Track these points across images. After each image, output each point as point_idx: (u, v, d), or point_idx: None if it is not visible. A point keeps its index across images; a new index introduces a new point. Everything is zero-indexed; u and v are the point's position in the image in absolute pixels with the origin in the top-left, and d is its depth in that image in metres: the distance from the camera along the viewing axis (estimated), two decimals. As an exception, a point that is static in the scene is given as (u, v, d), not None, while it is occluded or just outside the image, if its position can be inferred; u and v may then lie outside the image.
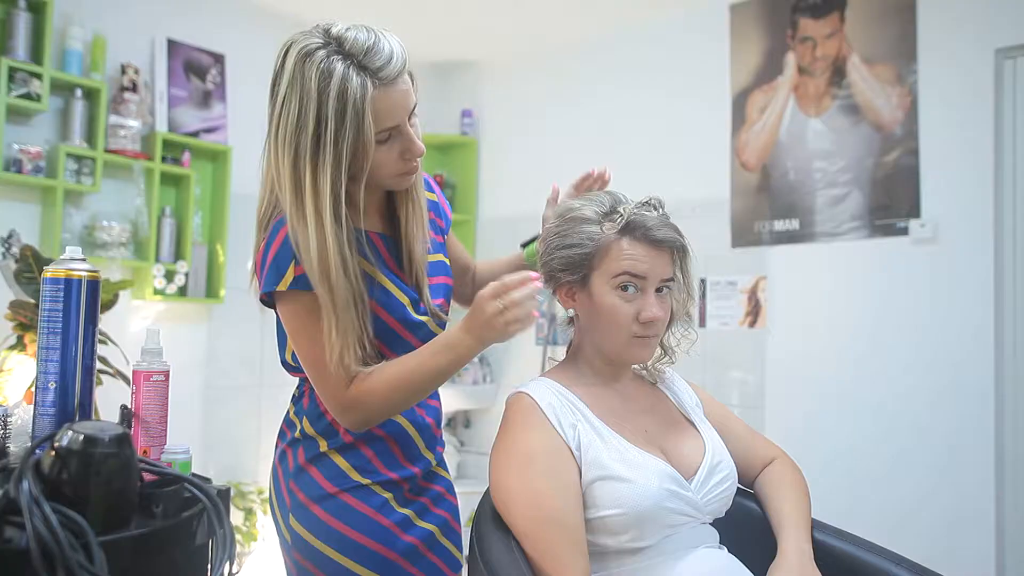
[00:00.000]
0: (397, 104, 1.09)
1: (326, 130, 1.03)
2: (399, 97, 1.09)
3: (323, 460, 1.24)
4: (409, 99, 1.11)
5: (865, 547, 1.19)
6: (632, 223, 1.14)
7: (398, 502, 1.24)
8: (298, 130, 1.05)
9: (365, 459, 1.23)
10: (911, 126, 2.61)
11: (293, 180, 1.06)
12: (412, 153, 1.13)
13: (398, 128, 1.10)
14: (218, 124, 3.06)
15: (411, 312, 1.21)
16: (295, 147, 1.05)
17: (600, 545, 1.08)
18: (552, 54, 3.63)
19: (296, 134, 1.05)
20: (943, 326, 2.52)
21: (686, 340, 1.26)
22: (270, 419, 3.27)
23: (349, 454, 1.23)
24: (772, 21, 2.95)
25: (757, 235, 2.94)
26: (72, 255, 0.93)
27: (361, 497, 1.22)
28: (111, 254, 2.67)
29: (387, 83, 1.07)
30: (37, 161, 2.54)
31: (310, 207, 1.05)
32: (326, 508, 1.22)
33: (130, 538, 0.74)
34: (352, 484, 1.22)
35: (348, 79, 1.03)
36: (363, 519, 1.21)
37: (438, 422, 1.32)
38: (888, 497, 2.57)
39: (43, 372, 0.91)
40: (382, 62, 1.06)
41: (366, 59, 1.05)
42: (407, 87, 1.11)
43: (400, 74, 1.09)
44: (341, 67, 1.04)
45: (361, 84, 1.04)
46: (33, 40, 2.56)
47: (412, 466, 1.26)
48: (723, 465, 1.17)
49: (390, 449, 1.24)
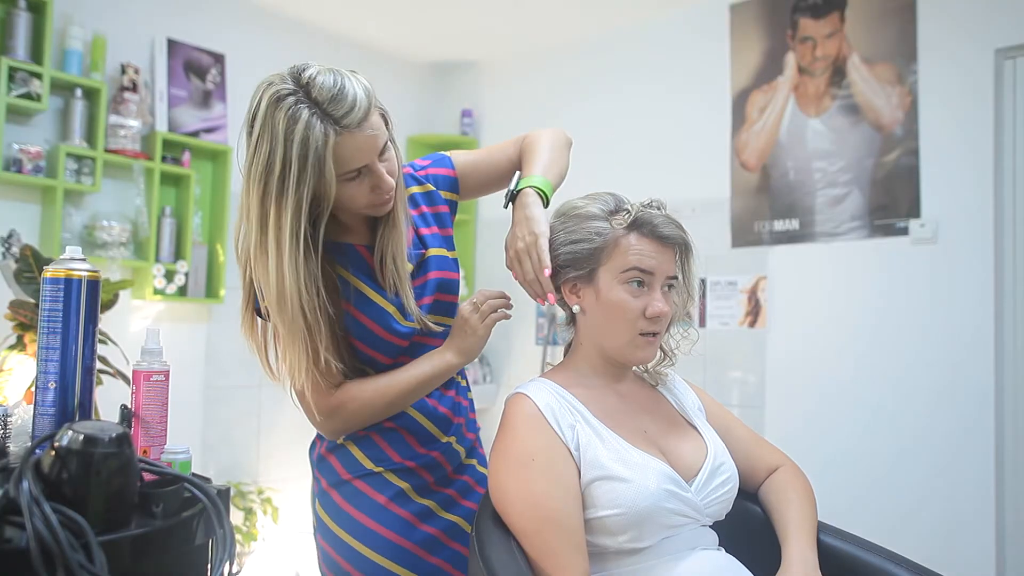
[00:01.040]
0: (361, 148, 1.13)
1: (290, 173, 1.08)
2: (363, 141, 1.12)
3: (340, 449, 1.31)
4: (375, 141, 1.14)
5: (865, 547, 1.19)
6: (640, 219, 1.15)
7: (418, 492, 1.29)
8: (266, 170, 1.10)
9: (379, 448, 1.29)
10: (911, 126, 2.61)
11: (260, 216, 1.11)
12: (381, 189, 1.17)
13: (367, 167, 1.15)
14: (218, 124, 3.06)
15: (397, 320, 1.25)
16: (263, 185, 1.10)
17: (599, 545, 1.08)
18: (552, 54, 3.63)
19: (264, 174, 1.10)
20: (943, 326, 2.52)
21: (686, 341, 1.26)
22: (270, 419, 3.27)
23: (363, 444, 1.29)
24: (772, 21, 2.95)
25: (757, 235, 2.94)
26: (72, 255, 0.93)
27: (373, 484, 1.28)
28: (111, 254, 2.68)
29: (351, 129, 1.11)
30: (37, 161, 2.55)
31: (272, 243, 1.11)
32: (342, 494, 1.29)
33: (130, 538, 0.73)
34: (364, 471, 1.28)
35: (311, 127, 1.08)
36: (375, 507, 1.27)
37: (456, 411, 1.35)
38: (888, 497, 2.57)
39: (43, 372, 0.91)
40: (345, 110, 1.10)
41: (330, 107, 1.10)
42: (373, 131, 1.14)
43: (364, 119, 1.12)
44: (306, 114, 1.09)
45: (323, 132, 1.09)
46: (33, 40, 2.57)
47: (429, 451, 1.30)
48: (725, 468, 1.17)
49: (403, 438, 1.29)
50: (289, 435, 3.34)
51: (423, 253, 1.29)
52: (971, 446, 2.43)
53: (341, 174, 1.12)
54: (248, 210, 1.13)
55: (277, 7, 3.28)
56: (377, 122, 1.15)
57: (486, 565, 1.03)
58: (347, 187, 1.14)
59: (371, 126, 1.13)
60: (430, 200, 1.35)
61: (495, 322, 1.26)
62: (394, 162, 1.20)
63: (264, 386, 3.26)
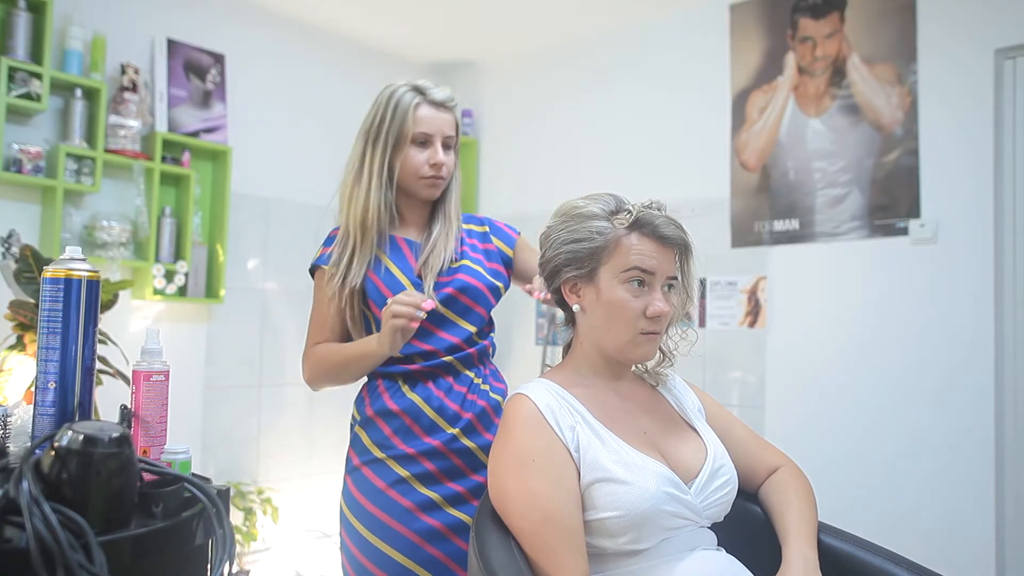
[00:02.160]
0: (433, 119, 1.48)
1: (384, 122, 1.49)
2: (437, 113, 1.49)
3: (355, 436, 1.48)
4: (446, 125, 1.50)
5: (865, 547, 1.19)
6: (641, 219, 1.15)
7: (422, 482, 1.38)
8: (368, 126, 1.51)
9: (383, 435, 1.43)
10: (911, 126, 2.61)
11: (359, 158, 1.51)
12: (436, 163, 1.48)
13: (431, 139, 1.48)
14: (218, 124, 3.06)
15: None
16: (365, 134, 1.51)
17: (599, 547, 1.08)
18: (552, 54, 3.63)
19: (366, 130, 1.52)
20: (943, 326, 2.52)
21: (685, 341, 1.26)
22: (269, 419, 3.27)
23: (370, 428, 1.45)
24: (772, 21, 2.95)
25: (757, 235, 2.94)
26: (72, 255, 0.93)
27: (376, 471, 1.42)
28: (111, 254, 2.67)
29: (430, 101, 1.49)
30: (37, 161, 2.54)
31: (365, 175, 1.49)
32: (353, 480, 1.45)
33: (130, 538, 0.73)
34: (371, 458, 1.43)
35: (404, 95, 1.49)
36: (377, 493, 1.40)
37: (467, 407, 1.44)
38: (888, 497, 2.57)
39: (43, 372, 0.90)
40: (433, 88, 1.50)
41: (424, 86, 1.50)
42: (448, 118, 1.51)
43: (444, 103, 1.50)
44: (404, 90, 1.49)
45: (411, 97, 1.48)
46: (33, 40, 2.56)
47: (432, 439, 1.40)
48: (724, 469, 1.17)
49: (406, 425, 1.42)
50: (289, 435, 3.34)
51: (459, 260, 1.50)
52: (971, 446, 2.43)
53: (415, 134, 1.47)
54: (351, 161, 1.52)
55: (277, 7, 3.28)
56: (452, 118, 1.51)
57: (485, 565, 1.03)
58: (414, 152, 1.48)
59: (447, 112, 1.50)
60: (483, 238, 1.58)
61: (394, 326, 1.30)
62: (452, 164, 1.52)
63: (264, 386, 3.26)
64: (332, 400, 3.53)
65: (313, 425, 3.43)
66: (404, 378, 1.45)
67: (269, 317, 3.29)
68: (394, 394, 1.45)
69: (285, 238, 3.35)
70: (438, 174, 1.49)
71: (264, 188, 3.27)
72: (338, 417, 3.53)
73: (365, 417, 1.46)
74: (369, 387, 1.50)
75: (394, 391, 1.45)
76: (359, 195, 1.48)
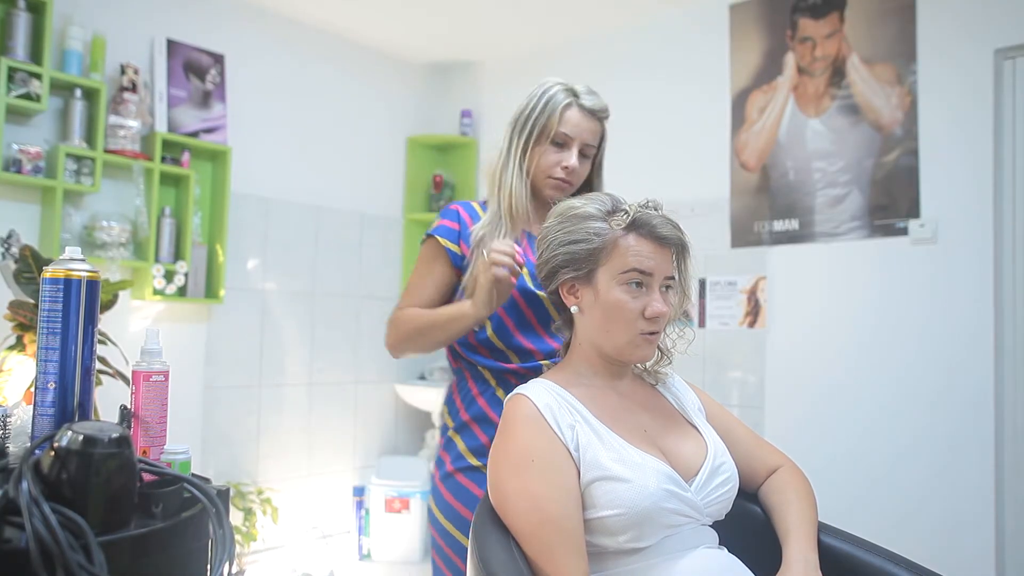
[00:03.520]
0: (579, 122, 1.51)
1: (531, 114, 1.51)
2: (583, 119, 1.51)
3: (449, 440, 1.51)
4: (590, 130, 1.52)
5: (865, 547, 1.19)
6: (639, 220, 1.15)
7: None
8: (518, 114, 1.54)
9: (480, 443, 1.45)
10: (910, 126, 2.61)
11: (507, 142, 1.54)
12: (567, 167, 1.50)
13: (570, 143, 1.50)
14: (218, 124, 3.06)
15: (529, 282, 1.47)
16: (513, 122, 1.54)
17: (599, 546, 1.08)
18: (551, 54, 3.63)
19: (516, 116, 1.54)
20: (943, 326, 2.52)
21: (682, 340, 1.26)
22: (269, 419, 3.27)
23: (466, 434, 1.48)
24: (772, 21, 2.95)
25: (757, 235, 2.94)
26: (71, 255, 0.93)
27: (473, 479, 1.44)
28: (111, 254, 2.67)
29: (581, 106, 1.51)
30: (37, 161, 2.54)
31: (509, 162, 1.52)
32: (447, 486, 1.48)
33: (129, 538, 0.73)
34: (466, 465, 1.46)
35: (557, 93, 1.52)
36: (476, 501, 1.40)
37: None
38: (888, 497, 2.57)
39: (42, 372, 0.90)
40: (587, 94, 1.53)
41: (579, 89, 1.53)
42: (594, 127, 1.53)
43: (595, 110, 1.52)
44: (558, 88, 1.53)
45: (563, 96, 1.51)
46: (33, 40, 2.56)
47: None
48: (725, 467, 1.17)
49: None
50: (288, 435, 3.34)
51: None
52: (971, 446, 2.43)
53: (557, 133, 1.49)
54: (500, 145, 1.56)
55: (277, 7, 3.28)
56: (598, 128, 1.54)
57: (485, 566, 1.03)
58: (551, 150, 1.50)
59: (595, 119, 1.53)
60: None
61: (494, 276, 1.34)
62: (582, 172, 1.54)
63: (264, 386, 3.26)
64: (332, 400, 3.53)
65: (313, 425, 3.43)
66: (497, 379, 1.47)
67: (269, 317, 3.29)
68: (489, 399, 1.47)
69: (285, 238, 3.35)
70: (568, 178, 1.51)
71: (264, 188, 3.27)
72: (338, 418, 3.53)
73: (461, 422, 1.49)
74: (460, 388, 1.53)
75: (489, 395, 1.47)
76: (506, 181, 1.52)
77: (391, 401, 3.76)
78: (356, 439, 3.61)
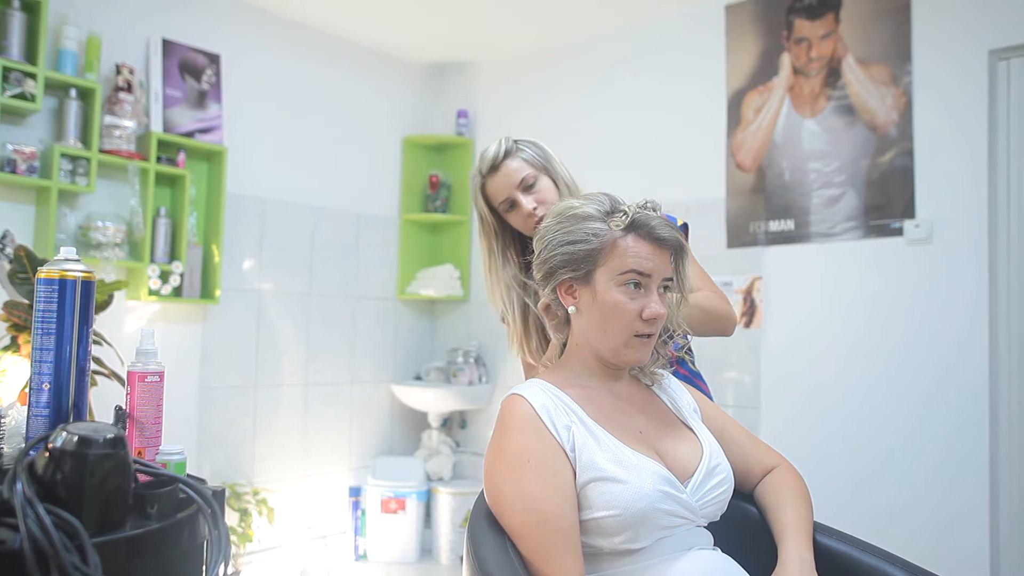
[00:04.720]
0: (499, 185, 1.57)
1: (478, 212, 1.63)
2: (499, 180, 1.57)
3: None
4: (510, 178, 1.56)
5: (861, 547, 1.20)
6: (637, 221, 1.15)
7: None
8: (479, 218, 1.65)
9: None
10: (906, 127, 2.62)
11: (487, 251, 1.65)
12: (529, 212, 1.55)
13: (511, 198, 1.56)
14: (213, 124, 3.06)
15: None
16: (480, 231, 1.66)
17: (595, 546, 1.08)
18: (547, 55, 3.63)
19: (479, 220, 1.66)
20: (938, 326, 2.52)
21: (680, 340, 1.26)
22: (265, 420, 3.27)
23: None
24: (767, 22, 2.96)
25: (752, 235, 2.94)
26: (66, 255, 0.93)
27: None
28: (106, 255, 2.67)
29: (488, 174, 1.58)
30: (31, 161, 2.54)
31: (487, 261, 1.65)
32: None
33: (124, 539, 0.73)
34: None
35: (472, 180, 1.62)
36: None
37: None
38: (883, 496, 2.57)
39: (37, 373, 0.90)
40: (484, 163, 1.58)
41: (481, 164, 1.60)
42: (509, 169, 1.56)
43: (497, 166, 1.56)
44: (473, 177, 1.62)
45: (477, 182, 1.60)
46: (27, 40, 2.56)
47: None
48: (720, 468, 1.17)
49: None
50: (284, 436, 3.34)
51: None
52: (965, 445, 2.44)
53: (498, 205, 1.58)
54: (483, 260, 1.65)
55: (273, 7, 3.27)
56: (514, 166, 1.56)
57: (481, 566, 1.03)
58: (510, 216, 1.58)
59: (505, 170, 1.56)
60: None
61: None
62: (546, 192, 1.57)
63: (259, 387, 3.26)
64: (328, 401, 3.53)
65: (309, 426, 3.43)
66: None
67: (265, 317, 3.28)
68: None
69: (280, 238, 3.35)
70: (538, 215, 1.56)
71: (259, 188, 3.27)
72: (334, 418, 3.53)
73: None
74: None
75: None
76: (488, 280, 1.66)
77: (387, 401, 3.76)
78: (352, 439, 3.60)
